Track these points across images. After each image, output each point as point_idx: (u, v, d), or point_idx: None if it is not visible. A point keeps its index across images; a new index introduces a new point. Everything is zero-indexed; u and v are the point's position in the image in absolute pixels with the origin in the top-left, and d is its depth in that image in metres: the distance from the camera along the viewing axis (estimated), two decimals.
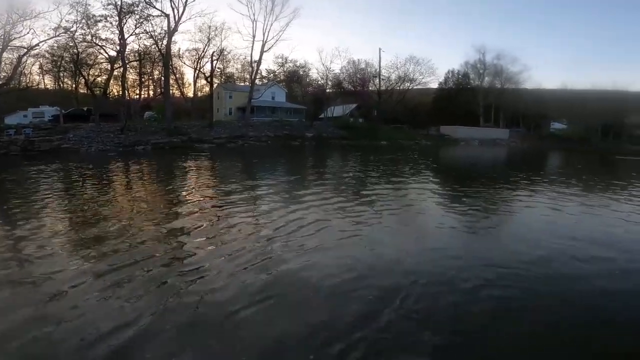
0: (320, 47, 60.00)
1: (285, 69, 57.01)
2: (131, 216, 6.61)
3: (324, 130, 35.91)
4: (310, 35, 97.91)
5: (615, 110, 54.08)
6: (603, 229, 6.51)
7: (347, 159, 20.97)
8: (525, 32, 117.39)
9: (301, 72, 53.32)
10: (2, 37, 25.55)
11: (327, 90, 47.12)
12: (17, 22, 25.77)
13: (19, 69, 33.19)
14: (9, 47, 26.83)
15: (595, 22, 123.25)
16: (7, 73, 31.45)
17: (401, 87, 48.74)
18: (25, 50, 28.20)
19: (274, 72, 58.65)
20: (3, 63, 28.99)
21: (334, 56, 77.11)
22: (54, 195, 8.71)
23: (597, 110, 53.34)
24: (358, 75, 48.08)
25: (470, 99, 53.78)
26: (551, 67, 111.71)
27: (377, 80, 47.70)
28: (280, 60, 54.26)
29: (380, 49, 50.25)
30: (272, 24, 36.59)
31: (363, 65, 47.86)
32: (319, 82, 47.74)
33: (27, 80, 42.16)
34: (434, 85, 56.47)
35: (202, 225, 6.02)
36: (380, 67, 47.55)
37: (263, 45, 36.77)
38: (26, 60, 33.69)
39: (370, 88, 48.74)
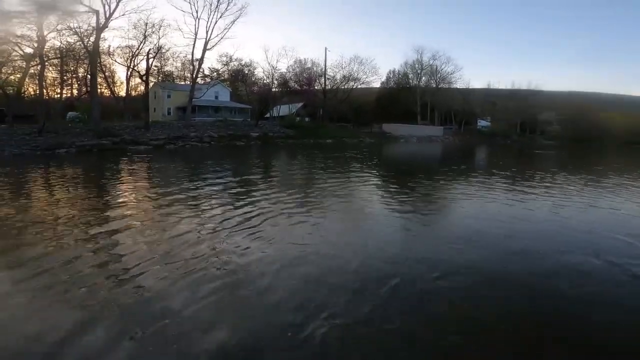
0: (267, 45, 59.23)
1: (229, 68, 55.45)
2: (52, 224, 5.99)
3: (270, 130, 35.63)
4: (256, 33, 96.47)
5: (530, 108, 61.38)
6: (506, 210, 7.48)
7: (292, 158, 21.09)
8: (458, 33, 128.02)
9: (246, 71, 52.33)
10: None
11: (273, 90, 46.82)
12: None
13: None
14: None
15: (518, 26, 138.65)
16: None
17: (346, 87, 50.24)
18: None
19: (217, 70, 56.73)
20: None
21: (280, 55, 76.90)
22: None
23: (516, 109, 60.06)
24: (304, 75, 48.53)
25: (409, 98, 57.23)
26: (479, 67, 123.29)
27: (322, 80, 48.59)
28: (224, 58, 52.73)
29: (326, 49, 51.33)
30: (216, 22, 35.48)
31: (309, 65, 48.47)
32: (265, 81, 47.28)
33: None
34: (377, 84, 59.15)
35: (133, 228, 5.67)
36: (326, 66, 48.53)
37: (206, 44, 35.45)
38: None
39: (316, 87, 49.50)
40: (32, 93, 39.03)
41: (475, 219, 6.54)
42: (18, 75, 31.76)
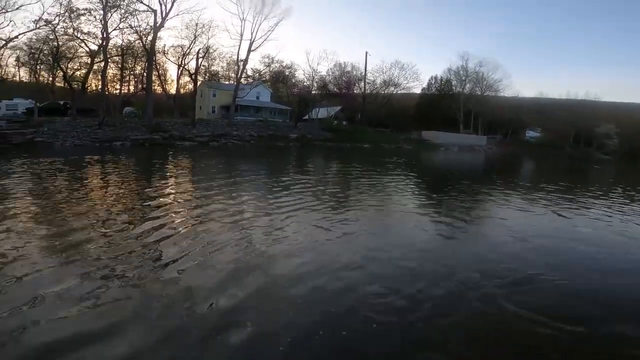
0: (308, 48, 60.47)
1: (271, 69, 56.90)
2: (104, 212, 6.51)
3: (309, 132, 36.05)
4: (298, 36, 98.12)
5: (586, 120, 56.79)
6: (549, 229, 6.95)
7: (329, 161, 21.18)
8: (508, 41, 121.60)
9: (287, 73, 53.37)
10: None
11: (313, 92, 47.36)
12: None
13: None
14: None
15: (572, 36, 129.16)
16: None
17: (385, 91, 49.60)
18: (4, 42, 27.03)
19: (259, 71, 58.42)
20: None
21: (321, 58, 77.51)
22: (23, 190, 8.45)
23: (570, 119, 55.88)
24: (344, 78, 48.62)
25: (451, 105, 55.32)
26: (529, 75, 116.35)
27: (362, 84, 48.38)
28: (266, 60, 54.14)
29: (366, 53, 51.17)
30: (260, 24, 36.53)
31: (349, 68, 48.49)
32: (305, 84, 47.95)
33: (3, 72, 40.37)
34: (418, 90, 57.83)
35: (179, 222, 6.00)
36: (366, 70, 48.26)
37: (250, 45, 36.65)
38: (3, 52, 32.34)
39: (356, 91, 49.39)
40: (94, 88, 42.61)
41: (511, 234, 6.13)
42: (83, 71, 34.81)
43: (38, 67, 40.39)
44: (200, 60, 41.15)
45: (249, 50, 36.93)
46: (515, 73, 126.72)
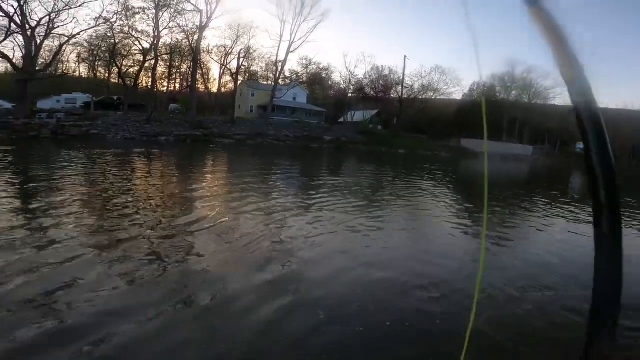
0: (346, 50, 60.16)
1: (308, 71, 57.51)
2: (146, 202, 6.88)
3: (343, 135, 35.96)
4: (336, 38, 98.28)
5: None
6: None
7: (363, 165, 20.95)
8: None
9: (324, 75, 53.66)
10: (46, 24, 26.53)
11: (349, 95, 47.22)
12: (63, 10, 26.74)
13: (58, 56, 34.67)
14: (51, 35, 28.01)
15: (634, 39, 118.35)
16: (45, 60, 33.02)
17: (424, 96, 48.33)
18: (67, 38, 29.36)
19: (297, 73, 59.22)
20: (43, 50, 30.35)
21: (359, 61, 77.01)
22: (76, 178, 9.15)
23: (628, 132, 51.19)
24: (381, 82, 48.02)
25: (495, 113, 52.64)
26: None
27: (400, 88, 47.50)
28: (304, 61, 54.75)
29: (405, 57, 50.08)
30: (300, 25, 36.99)
31: (387, 72, 47.79)
32: (341, 86, 47.94)
33: (64, 68, 44.08)
34: (458, 96, 55.75)
35: (214, 217, 6.18)
36: (404, 74, 47.31)
37: (289, 46, 37.24)
38: (65, 49, 35.30)
39: (393, 95, 48.57)
40: (144, 85, 45.39)
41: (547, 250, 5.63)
42: (135, 68, 37.21)
43: (96, 63, 43.80)
44: (241, 60, 42.60)
45: (288, 52, 37.57)
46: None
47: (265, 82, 55.05)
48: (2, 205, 5.90)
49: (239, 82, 44.18)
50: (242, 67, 49.66)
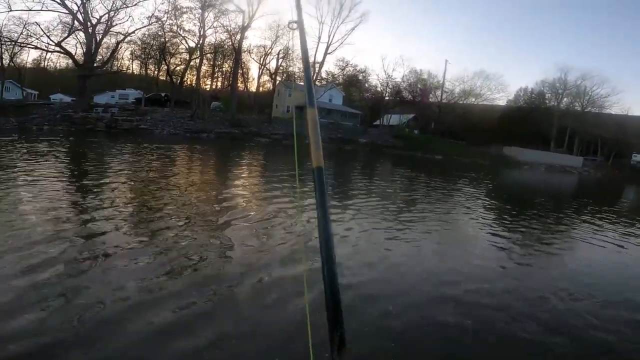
0: (384, 53, 59.47)
1: (345, 73, 57.48)
2: (186, 196, 7.37)
3: (378, 138, 35.61)
4: (374, 40, 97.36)
5: None
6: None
7: (398, 169, 20.62)
8: (621, 50, 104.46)
9: (360, 77, 53.37)
10: (105, 22, 28.51)
11: (386, 98, 46.62)
12: (121, 8, 28.68)
13: (115, 53, 37.31)
14: (109, 32, 30.11)
15: None
16: (103, 56, 35.72)
17: (464, 102, 46.67)
18: (123, 36, 31.53)
19: (333, 74, 59.41)
20: (101, 47, 32.70)
21: (397, 64, 75.79)
22: (127, 168, 9.89)
23: None
24: (419, 85, 46.95)
25: (542, 120, 49.59)
26: None
27: (439, 92, 46.18)
28: (341, 63, 54.83)
29: (446, 61, 48.56)
30: (338, 27, 37.13)
31: (425, 76, 46.64)
32: (378, 89, 47.42)
33: (119, 65, 47.41)
34: (502, 102, 53.19)
35: (247, 212, 6.46)
36: (444, 78, 45.95)
37: (327, 48, 37.48)
38: (121, 46, 37.96)
39: (431, 99, 47.33)
40: (189, 83, 47.73)
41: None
42: (182, 66, 39.20)
43: (147, 61, 46.68)
44: (279, 60, 43.48)
45: (325, 53, 37.80)
46: (629, 88, 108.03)
47: (302, 83, 55.57)
48: (59, 190, 6.64)
49: (277, 82, 45.14)
50: (281, 68, 50.72)
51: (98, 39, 28.65)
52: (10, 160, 9.88)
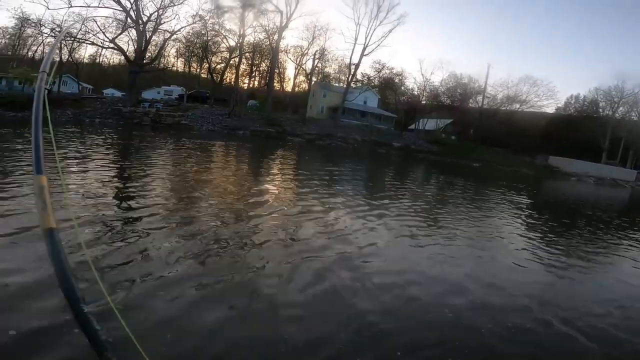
0: (422, 56, 58.11)
1: (381, 75, 56.73)
2: (219, 189, 7.75)
3: (413, 142, 34.75)
4: (412, 43, 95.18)
5: None
6: None
7: (432, 175, 19.96)
8: None
9: (397, 80, 52.44)
10: (155, 19, 29.97)
11: (422, 102, 45.46)
12: (168, 6, 30.05)
13: (162, 51, 39.27)
14: (157, 30, 31.64)
15: None
16: (151, 53, 37.71)
17: (508, 108, 44.44)
18: (170, 34, 33.11)
19: (369, 76, 58.84)
20: (150, 44, 34.39)
21: (436, 67, 73.71)
22: (168, 161, 10.34)
23: None
24: (459, 90, 45.31)
25: (594, 130, 46.01)
26: None
27: (480, 98, 44.32)
28: (377, 65, 54.19)
29: (489, 65, 46.38)
30: (375, 29, 36.68)
31: (466, 80, 44.93)
32: (415, 92, 46.34)
33: (165, 62, 49.95)
34: (550, 110, 50.04)
35: (277, 210, 6.53)
36: (486, 83, 44.03)
37: (364, 50, 37.16)
38: (168, 44, 39.88)
39: (471, 104, 45.54)
40: (228, 81, 49.33)
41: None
42: (222, 65, 40.60)
43: (191, 58, 48.81)
44: (316, 61, 43.75)
45: (362, 55, 37.50)
46: None
47: (337, 84, 55.77)
48: (106, 181, 7.02)
49: (312, 82, 45.48)
50: (316, 68, 51.04)
51: (147, 36, 30.13)
52: (67, 147, 10.71)
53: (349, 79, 41.40)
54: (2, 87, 31.50)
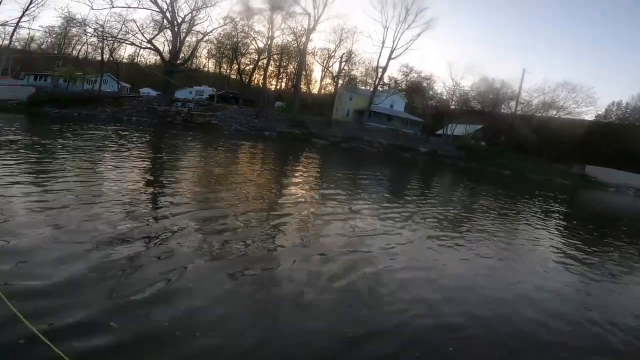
0: (451, 60, 56.59)
1: (408, 79, 55.89)
2: (245, 188, 8.03)
3: (440, 148, 33.98)
4: (442, 46, 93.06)
5: None
6: None
7: (459, 182, 19.44)
8: None
9: (425, 84, 51.47)
10: (189, 21, 31.06)
11: (451, 107, 44.35)
12: (201, 8, 31.06)
13: (195, 51, 40.59)
14: (191, 31, 32.73)
15: None
16: (184, 54, 39.12)
17: (543, 114, 42.55)
18: (202, 35, 34.19)
19: (396, 80, 58.13)
20: (183, 45, 35.52)
21: (466, 71, 71.69)
22: (199, 159, 10.75)
23: None
24: (490, 95, 43.85)
25: (638, 139, 43.05)
26: None
27: (513, 103, 42.69)
28: (405, 69, 53.43)
29: (524, 70, 44.47)
30: (403, 32, 36.16)
31: (498, 85, 43.41)
32: (443, 97, 45.26)
33: (197, 62, 51.63)
34: (589, 117, 47.38)
35: (298, 212, 6.66)
36: (520, 89, 42.36)
37: (391, 53, 36.76)
38: (200, 45, 41.13)
39: (503, 110, 43.98)
40: (256, 82, 50.30)
41: None
42: (251, 66, 41.43)
43: (221, 59, 50.15)
44: (342, 64, 43.74)
45: (389, 58, 37.08)
46: None
47: (363, 87, 55.50)
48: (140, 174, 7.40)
49: (338, 85, 45.51)
50: (343, 71, 51.01)
51: (182, 37, 31.26)
52: (104, 143, 11.40)
53: (376, 82, 41.08)
54: (48, 85, 33.77)
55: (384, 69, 39.00)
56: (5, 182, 5.63)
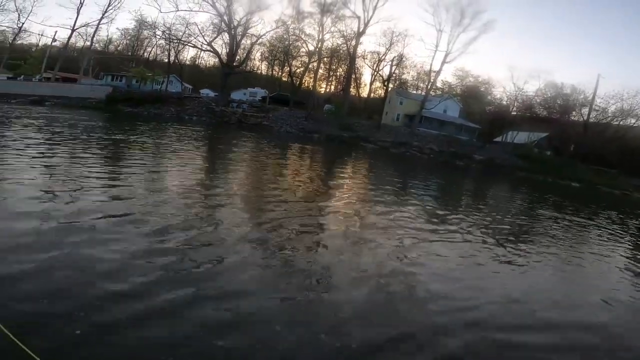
0: (514, 63, 52.52)
1: (464, 83, 53.08)
2: (291, 189, 8.32)
3: (498, 156, 31.70)
4: (502, 48, 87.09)
5: None
6: None
7: (518, 194, 17.85)
8: None
9: (482, 89, 48.49)
10: (244, 24, 32.45)
11: (512, 113, 41.24)
12: (255, 12, 32.25)
13: (250, 54, 42.27)
14: (245, 34, 34.14)
15: None
16: (240, 56, 40.94)
17: (622, 123, 37.92)
18: (256, 38, 35.53)
19: (450, 84, 55.55)
20: (239, 47, 37.08)
21: (530, 76, 66.22)
22: (252, 158, 11.13)
23: None
24: (558, 101, 40.04)
25: None
26: None
27: (586, 110, 38.56)
28: (460, 73, 50.82)
29: (599, 75, 39.93)
30: (458, 36, 34.38)
31: (568, 91, 39.50)
32: (503, 102, 42.21)
33: (252, 65, 53.81)
34: None
35: (341, 222, 6.58)
36: (594, 95, 38.17)
37: (445, 57, 35.19)
38: (254, 47, 42.72)
39: (573, 118, 39.94)
40: (306, 85, 51.10)
41: None
42: (301, 69, 42.13)
43: (274, 62, 51.73)
44: (393, 67, 42.79)
45: (443, 62, 35.51)
46: None
47: (414, 91, 53.84)
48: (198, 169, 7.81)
49: (389, 89, 44.62)
50: (394, 75, 49.87)
51: (237, 40, 32.74)
52: (169, 139, 12.27)
53: (429, 86, 39.66)
54: (122, 85, 37.29)
55: (438, 72, 37.49)
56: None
